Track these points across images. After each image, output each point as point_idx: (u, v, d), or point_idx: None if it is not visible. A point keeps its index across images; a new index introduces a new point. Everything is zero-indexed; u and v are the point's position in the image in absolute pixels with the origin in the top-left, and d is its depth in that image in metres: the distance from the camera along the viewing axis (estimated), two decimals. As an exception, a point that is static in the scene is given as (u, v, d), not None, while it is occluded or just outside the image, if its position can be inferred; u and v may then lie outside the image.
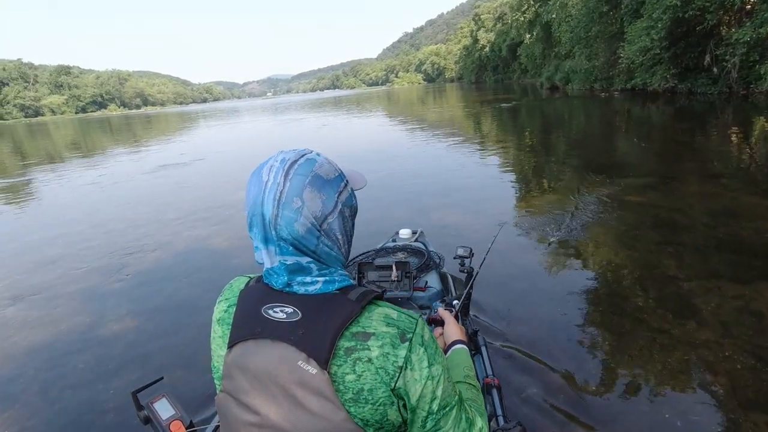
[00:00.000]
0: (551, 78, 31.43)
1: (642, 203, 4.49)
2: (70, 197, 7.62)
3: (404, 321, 0.72)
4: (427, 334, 0.74)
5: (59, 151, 17.55)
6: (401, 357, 0.69)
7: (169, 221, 5.47)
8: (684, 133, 9.06)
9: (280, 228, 0.70)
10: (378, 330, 0.69)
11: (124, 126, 36.67)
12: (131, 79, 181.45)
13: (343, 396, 0.68)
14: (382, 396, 0.69)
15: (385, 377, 0.68)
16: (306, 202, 0.70)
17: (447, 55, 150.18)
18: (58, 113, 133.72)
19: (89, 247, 4.74)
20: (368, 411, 0.69)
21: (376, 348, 0.68)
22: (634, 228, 3.87)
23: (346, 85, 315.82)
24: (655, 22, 14.19)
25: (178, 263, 4.07)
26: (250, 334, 0.71)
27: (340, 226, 0.75)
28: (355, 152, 10.07)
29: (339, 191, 0.76)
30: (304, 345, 0.67)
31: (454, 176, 6.53)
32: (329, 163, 0.77)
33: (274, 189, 0.70)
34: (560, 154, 7.89)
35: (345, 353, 0.68)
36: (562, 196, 5.03)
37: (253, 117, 32.87)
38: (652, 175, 5.52)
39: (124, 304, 3.34)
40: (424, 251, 2.25)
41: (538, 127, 12.86)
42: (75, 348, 2.80)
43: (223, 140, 17.21)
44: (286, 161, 0.72)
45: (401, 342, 0.70)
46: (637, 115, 13.42)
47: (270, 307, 0.71)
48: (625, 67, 18.62)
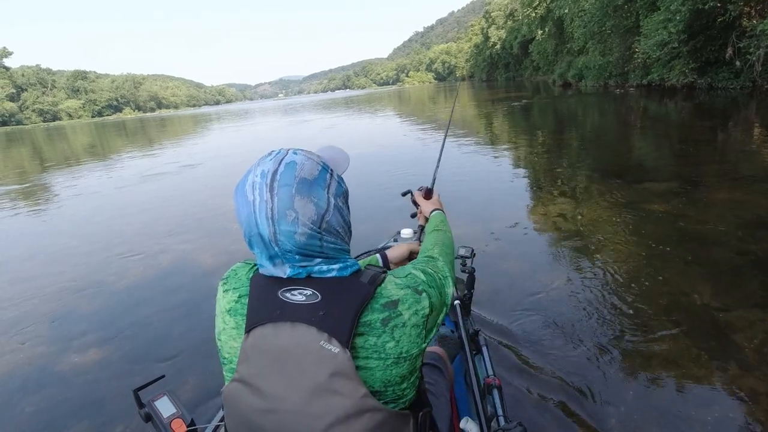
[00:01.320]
0: (564, 75, 30.76)
1: (664, 212, 4.07)
2: (66, 205, 7.42)
3: (407, 279, 0.77)
4: (421, 274, 0.80)
5: (67, 155, 17.58)
6: (425, 306, 0.76)
7: (158, 234, 5.20)
8: (706, 131, 8.52)
9: (282, 243, 0.70)
10: (399, 294, 0.74)
11: (139, 129, 36.94)
12: (146, 83, 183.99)
13: (385, 362, 0.71)
14: (417, 351, 0.74)
15: (419, 329, 0.74)
16: (299, 211, 0.70)
17: (458, 54, 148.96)
18: (75, 117, 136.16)
19: (70, 263, 4.48)
20: (406, 367, 0.73)
21: (405, 310, 0.73)
22: (657, 242, 3.46)
23: (357, 85, 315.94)
24: (673, 14, 13.56)
25: (156, 284, 3.78)
26: (269, 318, 0.71)
27: (338, 219, 0.75)
28: (364, 154, 9.75)
29: (327, 185, 0.75)
30: (326, 325, 0.68)
31: (462, 180, 6.17)
32: (309, 159, 0.75)
33: (264, 207, 0.69)
34: (573, 155, 7.46)
35: (383, 324, 0.71)
36: (574, 202, 4.63)
37: (262, 119, 32.79)
38: (675, 179, 5.07)
39: (92, 331, 3.06)
40: None
41: (550, 126, 12.37)
42: (28, 386, 2.52)
43: (226, 144, 17.05)
44: (267, 174, 0.71)
45: (419, 295, 0.76)
46: (655, 111, 12.85)
47: (288, 290, 0.72)
48: (641, 62, 17.99)
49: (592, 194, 4.90)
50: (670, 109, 12.95)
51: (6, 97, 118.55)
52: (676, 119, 10.86)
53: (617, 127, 10.80)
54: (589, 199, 4.75)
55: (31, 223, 6.47)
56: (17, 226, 6.34)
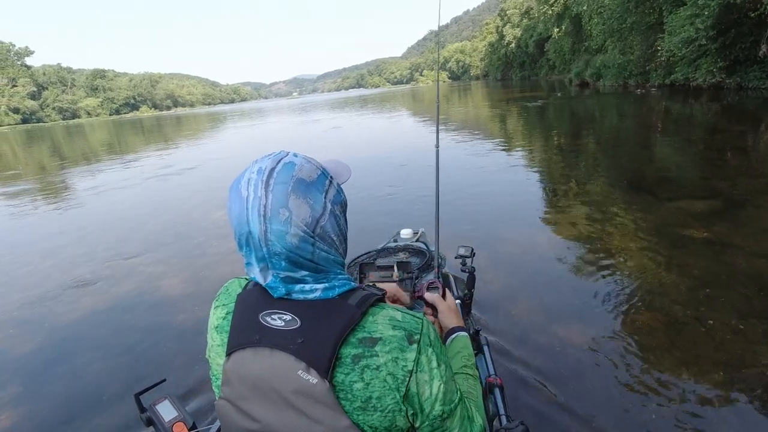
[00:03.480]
0: (581, 74, 29.77)
1: (706, 240, 3.41)
2: (46, 211, 7.02)
3: (410, 322, 0.71)
4: (433, 333, 0.73)
5: (78, 154, 17.39)
6: (411, 360, 0.68)
7: (130, 251, 4.71)
8: (741, 136, 7.74)
9: (272, 243, 0.67)
10: (384, 334, 0.68)
11: (155, 127, 36.98)
12: (162, 81, 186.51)
13: (351, 405, 0.66)
14: (391, 403, 0.68)
15: (394, 383, 0.67)
16: (293, 210, 0.67)
17: (472, 53, 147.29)
18: (93, 115, 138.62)
19: (19, 287, 4.00)
20: (377, 418, 0.68)
21: (383, 353, 0.67)
22: (699, 281, 2.82)
23: (371, 84, 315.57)
24: (701, 9, 12.68)
25: (106, 320, 3.26)
26: (248, 342, 0.69)
27: (333, 227, 0.72)
28: (373, 156, 9.20)
29: (325, 190, 0.72)
30: (304, 354, 0.66)
31: (473, 191, 5.56)
32: (309, 163, 0.73)
33: (257, 204, 0.66)
34: (594, 163, 6.78)
35: (352, 361, 0.66)
36: (595, 221, 3.99)
37: (273, 118, 32.46)
38: (713, 196, 4.39)
39: (14, 385, 2.55)
40: (426, 251, 2.24)
41: (568, 128, 11.65)
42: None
43: (230, 144, 16.65)
44: (264, 170, 0.69)
45: (409, 344, 0.69)
46: (680, 113, 12.02)
47: (268, 314, 0.69)
48: (664, 60, 17.06)
49: (616, 213, 4.25)
50: (696, 110, 12.12)
51: (27, 95, 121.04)
52: (704, 122, 10.05)
53: (641, 130, 10.04)
54: (612, 218, 4.11)
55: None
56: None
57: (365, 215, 5.04)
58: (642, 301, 2.70)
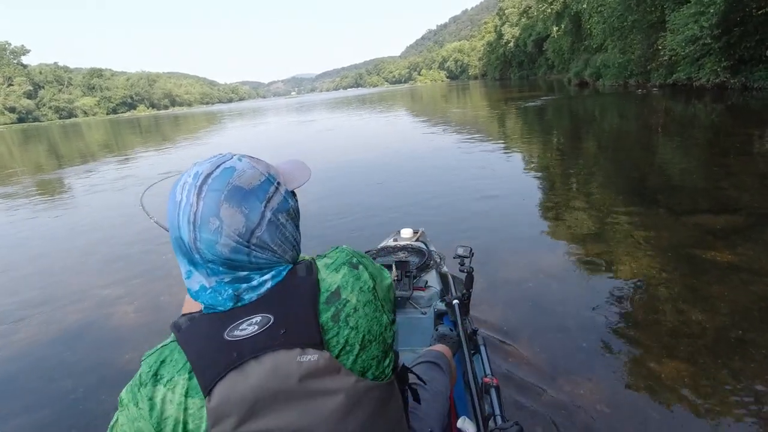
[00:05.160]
0: (580, 73, 29.37)
1: (730, 265, 2.98)
2: (15, 218, 6.58)
3: (340, 257, 0.75)
4: (350, 248, 0.79)
5: (67, 155, 16.92)
6: (367, 278, 0.73)
7: (88, 270, 4.27)
8: (753, 141, 7.31)
9: (203, 252, 0.64)
10: (338, 280, 0.71)
11: (152, 126, 36.53)
12: (160, 81, 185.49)
13: (352, 353, 0.68)
14: (379, 324, 0.72)
15: (372, 305, 0.72)
16: (224, 220, 0.63)
17: (470, 52, 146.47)
18: (90, 114, 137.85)
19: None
20: (375, 347, 0.70)
21: (351, 295, 0.70)
22: (731, 321, 2.40)
23: (369, 83, 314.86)
24: (706, 6, 12.24)
25: (43, 358, 2.81)
26: (227, 366, 0.62)
27: (273, 236, 0.68)
28: (367, 159, 8.77)
29: (267, 198, 0.68)
30: (293, 340, 0.64)
31: (471, 198, 5.13)
32: (253, 168, 0.69)
33: (188, 210, 0.64)
34: (595, 170, 6.35)
35: (334, 320, 0.68)
36: (603, 239, 3.55)
37: (269, 119, 32.01)
38: (734, 211, 3.96)
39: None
40: (425, 251, 2.26)
41: (569, 130, 11.23)
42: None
43: (218, 148, 16.21)
44: (199, 175, 0.65)
45: (357, 269, 0.73)
46: (684, 114, 11.62)
47: (234, 328, 0.64)
48: (666, 59, 16.65)
49: (626, 229, 3.82)
50: (700, 111, 11.71)
51: (23, 94, 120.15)
52: (710, 124, 9.64)
53: (645, 133, 9.62)
54: (622, 235, 3.68)
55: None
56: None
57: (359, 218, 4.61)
58: (662, 344, 2.28)
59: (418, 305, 1.91)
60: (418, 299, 1.93)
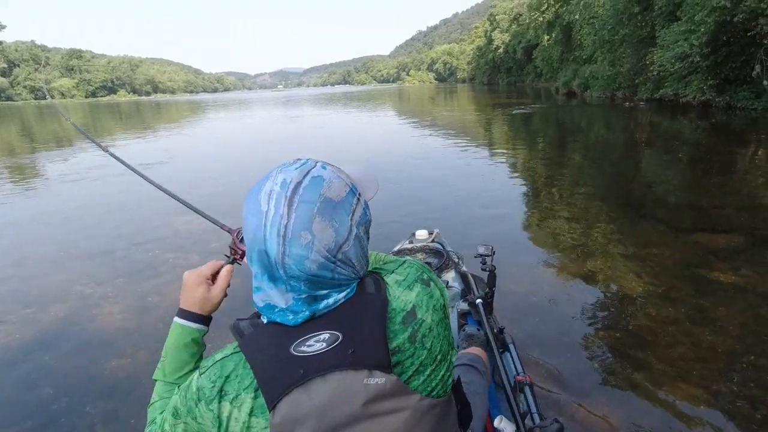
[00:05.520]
0: (568, 83, 29.72)
1: (738, 289, 2.96)
2: None
3: (411, 273, 0.72)
4: (414, 261, 0.76)
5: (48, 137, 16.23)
6: (438, 296, 0.72)
7: (69, 265, 4.05)
8: (744, 160, 7.46)
9: (289, 268, 0.60)
10: (413, 299, 0.68)
11: (134, 113, 35.53)
12: (143, 66, 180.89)
13: (424, 373, 0.66)
14: (448, 342, 0.72)
15: (443, 324, 0.71)
16: (317, 235, 0.60)
17: (460, 55, 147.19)
18: (67, 96, 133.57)
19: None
20: (443, 366, 0.70)
21: (425, 314, 0.68)
22: (742, 345, 2.37)
23: (357, 81, 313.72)
24: (696, 25, 12.50)
25: (21, 362, 2.61)
26: (292, 382, 0.60)
27: (356, 252, 0.65)
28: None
29: (352, 211, 0.65)
30: (361, 361, 0.61)
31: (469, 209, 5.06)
32: (338, 177, 0.66)
33: (277, 222, 0.60)
34: (589, 182, 6.37)
35: (411, 341, 0.66)
36: (603, 258, 3.52)
37: (258, 111, 31.49)
38: (733, 231, 3.98)
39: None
40: (443, 251, 2.24)
41: (560, 140, 11.32)
42: None
43: (206, 139, 15.82)
44: (288, 184, 0.61)
45: (429, 287, 0.71)
46: (671, 129, 11.84)
47: (301, 343, 0.62)
48: (654, 74, 16.95)
49: (630, 246, 3.80)
50: (686, 127, 11.96)
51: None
52: (697, 140, 9.82)
53: (635, 147, 9.74)
54: (627, 253, 3.65)
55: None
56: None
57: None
58: (675, 368, 2.23)
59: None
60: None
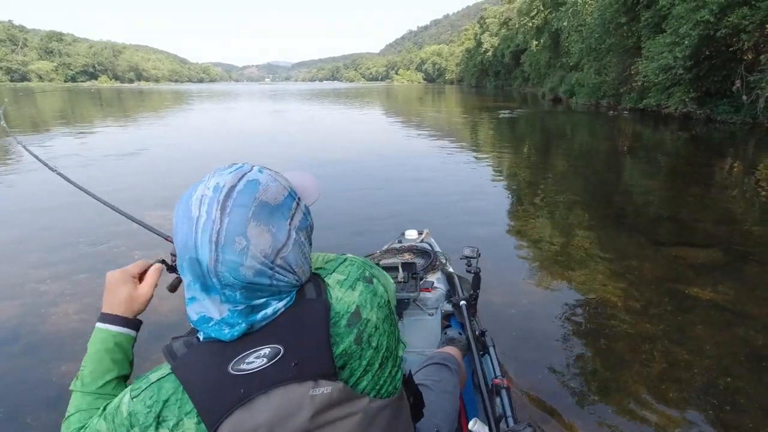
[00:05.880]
0: (555, 89, 30.05)
1: (716, 306, 2.92)
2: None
3: (352, 271, 0.69)
4: (357, 258, 0.74)
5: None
6: (382, 292, 0.69)
7: (26, 258, 3.81)
8: (727, 174, 7.58)
9: (223, 276, 0.57)
10: (356, 299, 0.66)
11: (115, 100, 34.62)
12: (126, 52, 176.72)
13: (371, 372, 0.65)
14: (394, 338, 0.70)
15: (389, 320, 0.69)
16: (252, 240, 0.57)
17: (449, 57, 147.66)
18: (45, 80, 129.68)
19: None
20: (390, 363, 0.68)
21: (370, 313, 0.66)
22: (719, 366, 2.32)
23: (346, 77, 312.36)
24: (681, 38, 12.69)
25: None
26: (235, 403, 0.57)
27: (296, 257, 0.62)
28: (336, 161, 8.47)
29: (291, 215, 0.62)
30: (305, 372, 0.59)
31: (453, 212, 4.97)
32: (275, 181, 0.63)
33: (209, 228, 0.56)
34: (570, 189, 6.36)
35: (357, 343, 0.64)
36: (583, 270, 3.46)
37: (245, 104, 30.98)
38: (713, 245, 3.96)
39: None
40: (431, 252, 2.23)
41: (542, 147, 11.37)
42: None
43: (186, 128, 15.44)
44: (221, 188, 0.58)
45: (371, 284, 0.69)
46: (653, 139, 11.99)
47: (240, 361, 0.58)
48: (638, 85, 17.20)
49: (609, 258, 3.76)
50: (667, 138, 12.12)
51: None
52: (676, 151, 9.94)
53: (621, 156, 9.82)
54: (606, 266, 3.60)
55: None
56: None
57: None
58: (652, 388, 2.17)
59: (425, 307, 1.90)
60: (424, 301, 1.91)
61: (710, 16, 11.46)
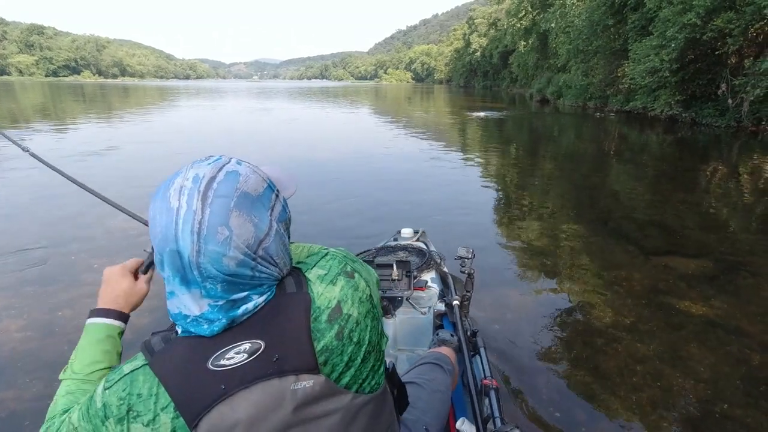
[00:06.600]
0: (542, 90, 30.17)
1: (708, 322, 2.76)
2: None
3: (333, 266, 0.68)
4: (338, 251, 0.72)
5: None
6: (364, 285, 0.68)
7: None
8: (715, 178, 7.52)
9: (205, 267, 0.56)
10: (337, 294, 0.64)
11: (98, 96, 33.80)
12: (110, 47, 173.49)
13: (353, 366, 0.64)
14: (377, 332, 0.68)
15: (371, 315, 0.67)
16: (234, 230, 0.56)
17: (438, 56, 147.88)
18: (26, 74, 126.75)
19: None
20: (373, 358, 0.67)
21: (351, 308, 0.65)
22: (713, 390, 2.16)
23: (335, 76, 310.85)
24: (668, 41, 12.70)
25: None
26: (213, 399, 0.57)
27: (277, 248, 0.62)
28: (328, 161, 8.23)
29: (271, 207, 0.62)
30: (287, 367, 0.59)
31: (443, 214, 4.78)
32: (255, 173, 0.63)
33: (191, 219, 0.55)
34: (557, 192, 6.23)
35: (338, 338, 0.63)
36: (569, 281, 3.30)
37: (232, 101, 30.47)
38: (704, 255, 3.81)
39: None
40: (425, 251, 2.25)
41: (530, 148, 11.26)
42: None
43: (163, 127, 15.04)
44: (201, 179, 0.57)
45: (353, 279, 0.67)
46: (640, 142, 11.97)
47: (219, 357, 0.58)
48: (625, 87, 17.26)
49: (597, 268, 3.60)
50: (653, 140, 12.13)
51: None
52: (662, 154, 9.91)
53: (608, 159, 9.75)
54: (595, 276, 3.44)
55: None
56: None
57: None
58: (643, 416, 1.99)
59: (418, 305, 1.91)
60: (417, 299, 1.94)
61: (697, 19, 11.47)
